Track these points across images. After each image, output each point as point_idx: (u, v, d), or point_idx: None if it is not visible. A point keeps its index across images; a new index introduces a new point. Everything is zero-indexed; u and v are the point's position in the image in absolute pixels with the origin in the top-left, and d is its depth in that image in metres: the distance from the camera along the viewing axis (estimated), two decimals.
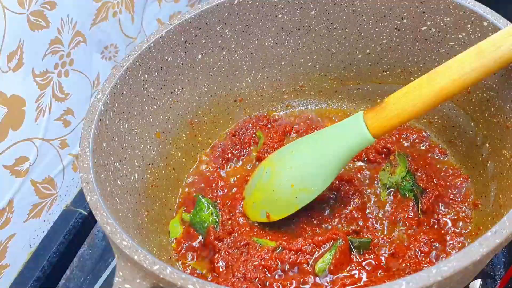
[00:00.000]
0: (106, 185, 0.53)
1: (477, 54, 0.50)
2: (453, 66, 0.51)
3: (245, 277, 0.56)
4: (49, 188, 0.77)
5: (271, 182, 0.62)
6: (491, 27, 0.56)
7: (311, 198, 0.60)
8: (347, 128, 0.57)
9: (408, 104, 0.52)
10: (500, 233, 0.40)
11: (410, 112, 0.53)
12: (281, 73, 0.75)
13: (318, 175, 0.59)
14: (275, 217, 0.62)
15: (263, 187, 0.63)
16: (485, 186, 0.61)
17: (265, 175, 0.63)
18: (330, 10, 0.68)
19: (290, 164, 0.61)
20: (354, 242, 0.59)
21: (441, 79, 0.51)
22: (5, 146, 0.67)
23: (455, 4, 0.60)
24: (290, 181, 0.60)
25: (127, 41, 0.86)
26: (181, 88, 0.68)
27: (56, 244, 0.77)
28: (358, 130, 0.55)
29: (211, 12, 0.66)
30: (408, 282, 0.37)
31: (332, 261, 0.56)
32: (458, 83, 0.50)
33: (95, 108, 0.56)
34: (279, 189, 0.61)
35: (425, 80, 0.52)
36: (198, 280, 0.40)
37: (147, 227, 0.61)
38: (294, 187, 0.60)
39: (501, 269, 0.63)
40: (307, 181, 0.59)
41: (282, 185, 0.61)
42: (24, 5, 0.64)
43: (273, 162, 0.64)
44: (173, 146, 0.70)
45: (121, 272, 0.44)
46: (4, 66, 0.64)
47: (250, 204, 0.64)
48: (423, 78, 0.52)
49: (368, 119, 0.55)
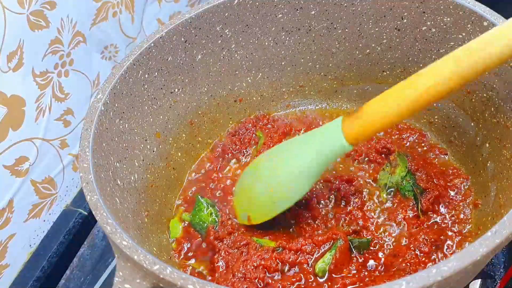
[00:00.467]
0: (106, 185, 0.53)
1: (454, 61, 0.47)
2: (424, 75, 0.49)
3: (245, 277, 0.56)
4: (49, 188, 0.77)
5: (253, 185, 0.62)
6: (491, 27, 0.56)
7: (289, 204, 0.59)
8: (324, 135, 0.56)
9: (382, 113, 0.51)
10: (500, 233, 0.40)
11: (385, 122, 0.52)
12: (281, 73, 0.75)
13: (294, 182, 0.58)
14: (255, 221, 0.62)
15: (246, 189, 0.63)
16: (485, 186, 0.61)
17: (249, 177, 0.64)
18: (330, 10, 0.68)
19: (269, 168, 0.61)
20: (354, 242, 0.59)
21: (412, 89, 0.49)
22: (5, 146, 0.67)
23: (455, 4, 0.60)
24: (270, 186, 0.60)
25: (127, 41, 0.86)
26: (181, 88, 0.68)
27: (56, 244, 0.77)
28: (335, 137, 0.54)
29: (211, 12, 0.66)
30: (408, 282, 0.37)
31: (332, 261, 0.56)
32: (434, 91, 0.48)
33: (95, 108, 0.56)
34: (259, 193, 0.61)
35: (402, 87, 0.50)
36: (198, 280, 0.40)
37: (147, 227, 0.61)
38: (272, 193, 0.59)
39: (501, 269, 0.63)
40: (284, 187, 0.59)
41: (262, 189, 0.60)
42: (24, 5, 0.64)
43: (258, 164, 0.64)
44: (173, 146, 0.70)
45: (121, 272, 0.44)
46: (4, 66, 0.64)
47: (235, 205, 0.65)
48: (400, 85, 0.50)
49: (345, 126, 0.54)
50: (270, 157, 0.63)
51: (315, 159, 0.56)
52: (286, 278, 0.56)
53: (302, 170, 0.57)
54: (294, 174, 0.58)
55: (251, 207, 0.62)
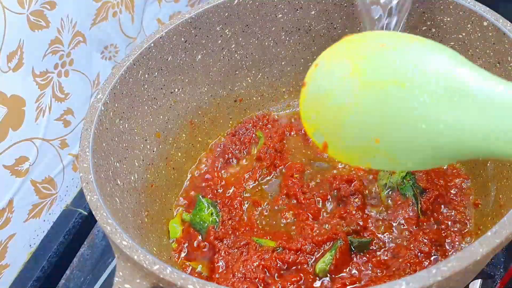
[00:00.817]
0: (106, 185, 0.53)
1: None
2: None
3: (245, 277, 0.56)
4: (49, 188, 0.77)
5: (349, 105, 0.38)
6: (491, 27, 0.56)
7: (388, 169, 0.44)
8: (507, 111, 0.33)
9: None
10: (500, 233, 0.40)
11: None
12: (281, 73, 0.75)
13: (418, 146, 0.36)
14: (332, 153, 0.42)
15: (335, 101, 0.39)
16: (485, 186, 0.61)
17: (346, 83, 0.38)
18: (330, 10, 0.68)
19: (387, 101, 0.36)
20: (354, 242, 0.59)
21: None
22: (5, 146, 0.67)
23: (455, 4, 0.60)
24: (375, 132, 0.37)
25: (127, 41, 0.86)
26: (181, 88, 0.68)
27: (56, 244, 0.77)
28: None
29: (211, 12, 0.66)
30: (408, 282, 0.37)
31: (332, 261, 0.56)
32: None
33: (95, 108, 0.56)
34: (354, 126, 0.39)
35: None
36: (198, 280, 0.40)
37: (147, 227, 0.61)
38: (376, 144, 0.38)
39: (501, 269, 0.62)
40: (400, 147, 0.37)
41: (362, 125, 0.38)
42: (24, 5, 0.64)
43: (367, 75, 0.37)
44: (173, 146, 0.70)
45: (121, 272, 0.44)
46: (4, 66, 0.64)
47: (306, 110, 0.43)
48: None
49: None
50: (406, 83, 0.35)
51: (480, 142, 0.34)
52: (286, 278, 0.56)
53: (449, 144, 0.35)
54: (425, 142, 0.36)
55: (334, 134, 0.40)
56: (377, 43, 0.37)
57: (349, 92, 0.37)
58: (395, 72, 0.35)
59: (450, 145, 0.35)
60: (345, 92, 0.38)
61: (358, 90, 0.37)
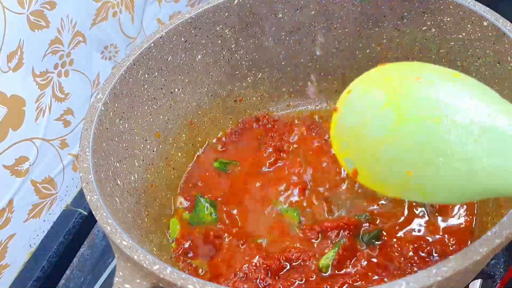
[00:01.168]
0: (106, 185, 0.53)
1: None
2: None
3: (246, 277, 0.56)
4: (49, 188, 0.77)
5: (382, 138, 0.38)
6: (491, 27, 0.56)
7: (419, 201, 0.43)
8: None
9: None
10: (500, 233, 0.40)
11: None
12: (281, 73, 0.75)
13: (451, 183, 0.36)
14: (362, 180, 0.42)
15: (368, 133, 0.39)
16: None
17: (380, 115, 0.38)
18: (330, 10, 0.68)
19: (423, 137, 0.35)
20: (364, 237, 0.59)
21: None
22: (5, 146, 0.67)
23: (455, 4, 0.60)
24: (409, 165, 0.37)
25: (127, 41, 0.86)
26: (181, 88, 0.68)
27: (56, 244, 0.77)
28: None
29: (211, 12, 0.66)
30: (408, 282, 0.37)
31: (335, 256, 0.57)
32: None
33: (95, 108, 0.56)
34: (387, 159, 0.38)
35: None
36: (198, 280, 0.40)
37: (147, 227, 0.61)
38: (409, 175, 0.37)
39: (501, 269, 0.62)
40: (432, 183, 0.37)
41: (395, 158, 0.38)
42: (24, 5, 0.64)
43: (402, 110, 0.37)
44: (173, 146, 0.70)
45: (121, 272, 0.44)
46: (4, 66, 0.64)
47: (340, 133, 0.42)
48: None
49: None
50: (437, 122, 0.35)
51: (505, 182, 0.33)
52: (287, 277, 0.56)
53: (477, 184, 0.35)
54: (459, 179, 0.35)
55: (366, 163, 0.40)
56: (414, 76, 0.37)
57: (383, 125, 0.37)
58: (431, 108, 0.35)
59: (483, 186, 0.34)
60: (379, 125, 0.37)
61: (392, 124, 0.36)
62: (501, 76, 0.57)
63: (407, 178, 0.37)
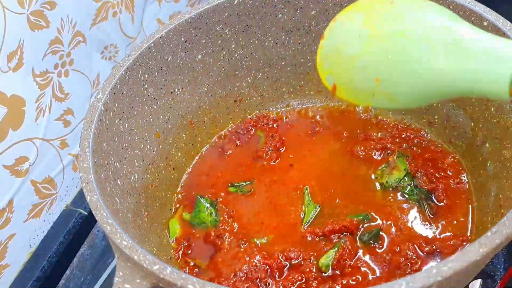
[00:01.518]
0: (106, 185, 0.53)
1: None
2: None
3: (246, 277, 0.56)
4: (49, 188, 0.77)
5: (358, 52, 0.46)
6: (491, 27, 0.56)
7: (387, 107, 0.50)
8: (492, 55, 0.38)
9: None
10: (500, 233, 0.40)
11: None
12: (281, 73, 0.75)
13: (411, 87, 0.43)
14: (339, 94, 0.49)
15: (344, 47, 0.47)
16: (485, 186, 0.61)
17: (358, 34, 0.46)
18: (330, 10, 0.68)
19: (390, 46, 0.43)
20: (363, 237, 0.59)
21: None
22: (5, 146, 0.67)
23: (455, 4, 0.60)
24: (377, 72, 0.45)
25: (127, 41, 0.86)
26: (181, 88, 0.68)
27: (56, 244, 0.77)
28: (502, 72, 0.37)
29: (211, 12, 0.66)
30: (408, 282, 0.37)
31: (335, 256, 0.57)
32: None
33: (95, 108, 0.56)
34: (360, 70, 0.46)
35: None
36: (198, 280, 0.40)
37: (147, 227, 0.61)
38: (378, 83, 0.45)
39: (501, 269, 0.63)
40: (395, 86, 0.44)
41: (367, 69, 0.45)
42: (24, 5, 0.64)
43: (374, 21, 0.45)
44: (173, 146, 0.70)
45: (121, 272, 0.44)
46: (4, 66, 0.64)
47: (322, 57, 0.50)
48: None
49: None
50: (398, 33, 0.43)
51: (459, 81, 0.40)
52: (287, 277, 0.57)
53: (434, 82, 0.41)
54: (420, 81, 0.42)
55: (343, 76, 0.48)
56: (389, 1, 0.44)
57: (360, 42, 0.45)
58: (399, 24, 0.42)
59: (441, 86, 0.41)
60: (356, 42, 0.45)
61: (367, 40, 0.44)
62: None
63: (375, 84, 0.45)
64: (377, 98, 0.46)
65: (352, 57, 0.46)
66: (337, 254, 0.57)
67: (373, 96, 0.46)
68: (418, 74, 0.41)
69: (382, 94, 0.45)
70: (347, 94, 0.48)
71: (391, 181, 0.64)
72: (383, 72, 0.44)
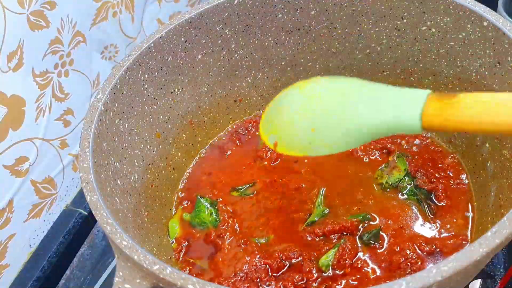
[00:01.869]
0: (106, 185, 0.53)
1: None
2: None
3: (247, 277, 0.56)
4: (49, 188, 0.77)
5: (295, 113, 0.54)
6: (491, 27, 0.56)
7: (325, 153, 0.53)
8: (401, 103, 0.46)
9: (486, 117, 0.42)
10: (500, 233, 0.40)
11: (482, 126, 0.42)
12: (281, 73, 0.75)
13: (342, 133, 0.50)
14: (281, 149, 0.55)
15: (284, 112, 0.55)
16: (485, 186, 0.61)
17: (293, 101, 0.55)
18: (330, 10, 0.68)
19: (322, 107, 0.52)
20: (364, 237, 0.59)
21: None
22: (5, 146, 0.67)
23: (455, 4, 0.60)
24: (313, 124, 0.52)
25: (127, 41, 0.86)
26: (181, 88, 0.68)
27: (56, 244, 0.77)
28: (411, 112, 0.45)
29: (211, 12, 0.66)
30: (408, 282, 0.37)
31: (336, 255, 0.57)
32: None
33: (95, 108, 0.56)
34: (297, 125, 0.53)
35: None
36: (198, 280, 0.40)
37: (147, 227, 0.61)
38: (313, 134, 0.52)
39: (501, 269, 0.63)
40: (329, 136, 0.51)
41: (303, 123, 0.53)
42: (24, 5, 0.64)
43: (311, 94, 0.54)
44: (173, 146, 0.70)
45: (121, 272, 0.44)
46: (4, 66, 0.64)
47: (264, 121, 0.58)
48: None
49: (430, 106, 0.44)
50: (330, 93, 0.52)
51: (377, 124, 0.48)
52: (287, 277, 0.56)
53: (358, 128, 0.49)
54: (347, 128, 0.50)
55: (283, 133, 0.55)
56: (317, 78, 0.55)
57: (296, 103, 0.54)
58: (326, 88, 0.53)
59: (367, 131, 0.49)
60: (294, 104, 0.54)
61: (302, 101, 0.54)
62: (501, 76, 0.57)
63: (312, 135, 0.52)
64: (315, 146, 0.53)
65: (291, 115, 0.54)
66: (337, 254, 0.57)
67: (311, 144, 0.53)
68: (346, 123, 0.50)
69: (319, 141, 0.52)
70: (288, 148, 0.55)
71: (391, 181, 0.64)
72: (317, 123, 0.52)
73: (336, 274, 0.57)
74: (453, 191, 0.63)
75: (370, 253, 0.58)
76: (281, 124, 0.55)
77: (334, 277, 0.56)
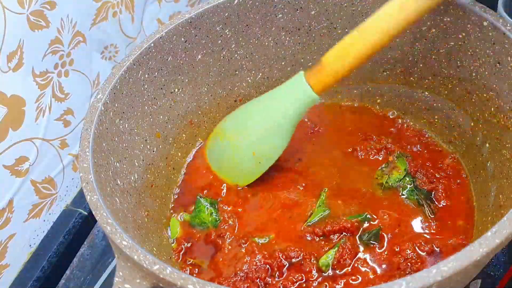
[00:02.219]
0: (106, 185, 0.53)
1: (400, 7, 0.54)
2: (380, 20, 0.55)
3: (247, 277, 0.56)
4: (49, 188, 0.77)
5: (234, 155, 0.67)
6: (491, 27, 0.56)
7: (273, 161, 0.65)
8: (291, 89, 0.62)
9: (344, 61, 0.58)
10: (500, 233, 0.40)
11: (347, 69, 0.58)
12: (281, 73, 0.75)
13: (274, 139, 0.64)
14: (243, 184, 0.67)
15: (227, 160, 0.68)
16: (485, 186, 0.61)
17: (225, 148, 0.68)
18: (330, 10, 0.68)
19: (247, 133, 0.66)
20: (363, 237, 0.59)
21: (372, 34, 0.56)
22: (5, 146, 0.67)
23: (455, 4, 0.60)
24: (251, 150, 0.65)
25: (127, 41, 0.86)
26: (181, 88, 0.68)
27: (56, 244, 0.77)
28: (302, 89, 0.61)
29: (211, 12, 0.66)
30: (408, 282, 0.37)
31: (336, 255, 0.57)
32: (387, 36, 0.56)
33: (95, 108, 0.56)
34: (243, 160, 0.66)
35: (357, 36, 0.57)
36: (198, 280, 0.40)
37: (147, 227, 0.61)
38: (255, 155, 0.65)
39: (501, 269, 0.63)
40: (266, 146, 0.65)
41: (245, 155, 0.66)
42: (24, 5, 0.64)
43: (229, 133, 0.69)
44: (173, 146, 0.70)
45: (121, 272, 0.44)
46: (4, 66, 0.64)
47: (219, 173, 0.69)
48: (355, 35, 0.57)
49: (310, 79, 0.60)
50: (242, 122, 0.68)
51: (288, 114, 0.62)
52: (287, 277, 0.56)
53: (280, 123, 0.63)
54: (273, 129, 0.64)
55: (237, 174, 0.67)
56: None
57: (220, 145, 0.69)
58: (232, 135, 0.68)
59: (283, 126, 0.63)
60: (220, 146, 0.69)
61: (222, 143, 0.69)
62: (501, 76, 0.57)
63: (253, 157, 0.65)
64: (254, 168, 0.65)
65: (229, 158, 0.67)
66: (337, 254, 0.57)
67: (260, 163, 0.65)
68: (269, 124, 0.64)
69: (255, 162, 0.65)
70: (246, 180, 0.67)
71: (391, 181, 0.64)
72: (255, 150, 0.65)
73: (336, 274, 0.57)
74: (453, 191, 0.63)
75: (370, 253, 0.58)
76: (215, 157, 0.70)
77: (334, 277, 0.56)
